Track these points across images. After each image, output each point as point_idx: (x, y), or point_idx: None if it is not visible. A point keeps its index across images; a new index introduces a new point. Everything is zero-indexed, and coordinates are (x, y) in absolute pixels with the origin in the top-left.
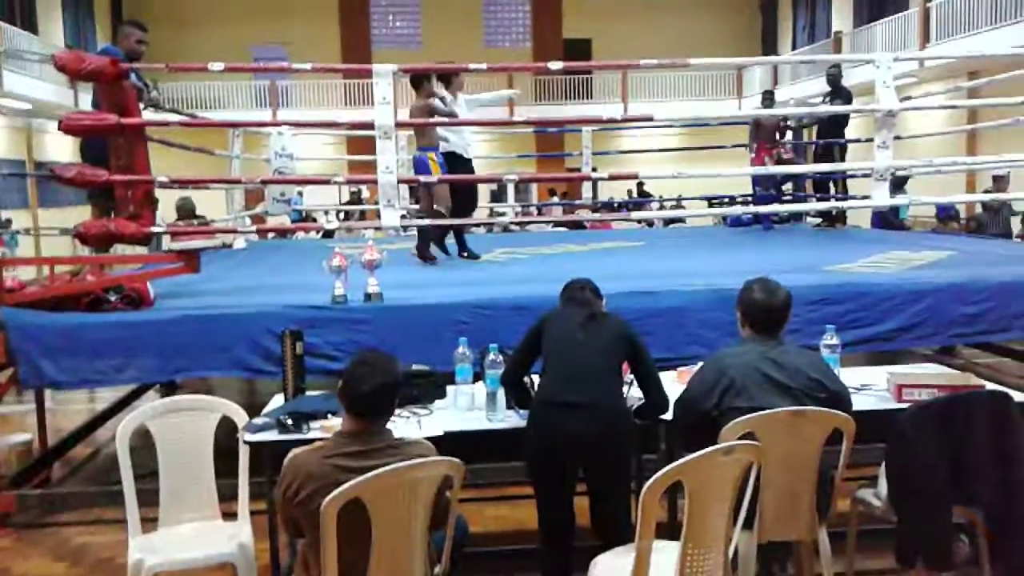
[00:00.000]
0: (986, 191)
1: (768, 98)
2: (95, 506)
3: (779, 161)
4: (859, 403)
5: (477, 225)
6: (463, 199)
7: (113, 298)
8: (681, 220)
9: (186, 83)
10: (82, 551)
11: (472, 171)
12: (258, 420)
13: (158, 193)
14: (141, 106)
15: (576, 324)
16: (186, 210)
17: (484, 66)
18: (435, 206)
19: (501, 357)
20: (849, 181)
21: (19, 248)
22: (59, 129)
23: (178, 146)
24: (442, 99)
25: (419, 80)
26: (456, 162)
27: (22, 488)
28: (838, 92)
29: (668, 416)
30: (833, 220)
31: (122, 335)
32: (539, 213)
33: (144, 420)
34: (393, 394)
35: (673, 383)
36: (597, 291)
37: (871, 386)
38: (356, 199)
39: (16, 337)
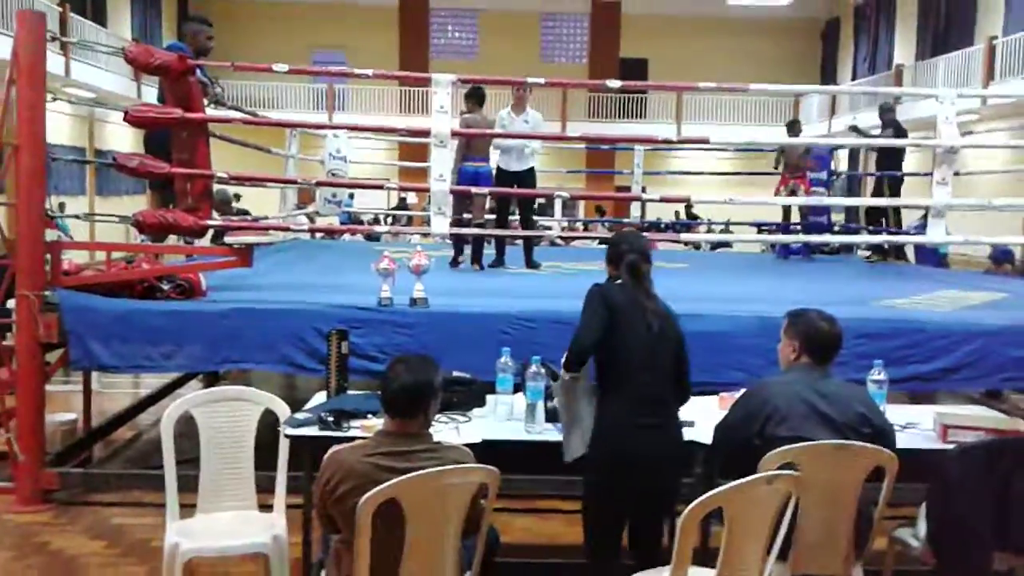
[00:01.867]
0: None
1: (793, 127)
2: (134, 488)
3: (792, 193)
4: (903, 442)
5: (518, 239)
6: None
7: (166, 287)
8: (728, 245)
9: (244, 82)
10: (119, 532)
11: (523, 184)
12: (300, 415)
13: None
14: (205, 102)
15: (645, 320)
16: (222, 200)
17: (542, 80)
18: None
19: (543, 370)
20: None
21: (72, 234)
22: (125, 120)
23: (238, 142)
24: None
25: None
26: (503, 178)
27: (65, 466)
28: (889, 125)
29: (708, 440)
30: (885, 254)
31: (173, 323)
32: (585, 229)
33: (190, 407)
34: (425, 396)
35: (714, 409)
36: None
37: (916, 424)
38: (403, 204)
39: (70, 319)
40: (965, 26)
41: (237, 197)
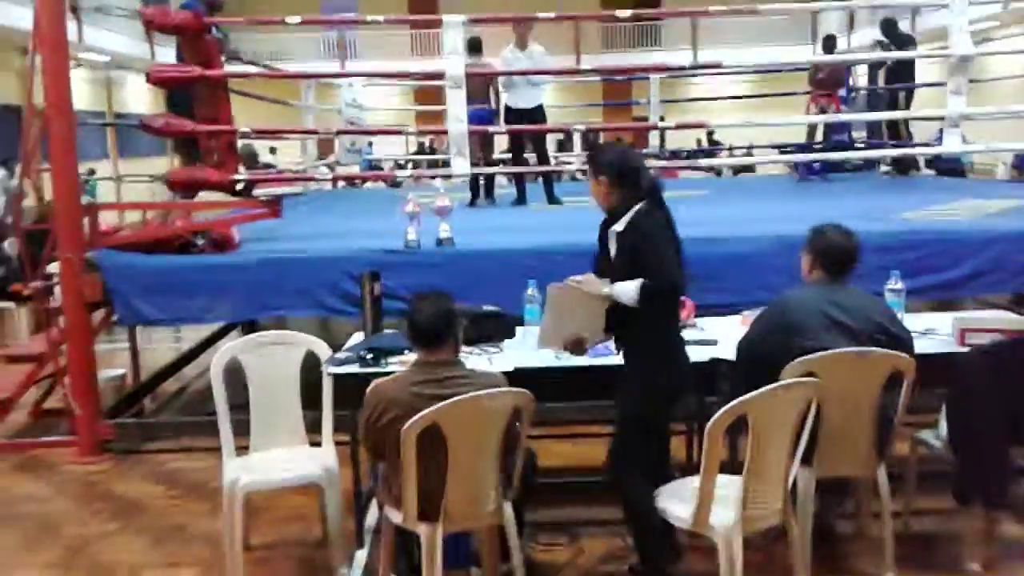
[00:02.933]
0: None
1: (830, 44)
2: (185, 436)
3: (822, 112)
4: (922, 347)
5: (540, 173)
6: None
7: (201, 242)
8: (750, 169)
9: (253, 34)
10: (176, 475)
11: (533, 121)
12: (340, 355)
13: None
14: (222, 58)
15: (677, 241)
16: (248, 156)
17: (552, 15)
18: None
19: None
20: (915, 127)
21: (99, 196)
22: (147, 82)
23: (256, 97)
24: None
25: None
26: (513, 115)
27: (119, 418)
28: (894, 39)
29: (731, 356)
30: (905, 167)
31: (210, 277)
32: None
33: (236, 353)
34: (448, 321)
35: (737, 327)
36: None
37: (935, 331)
38: (422, 149)
39: (112, 278)
40: None
41: (273, 151)
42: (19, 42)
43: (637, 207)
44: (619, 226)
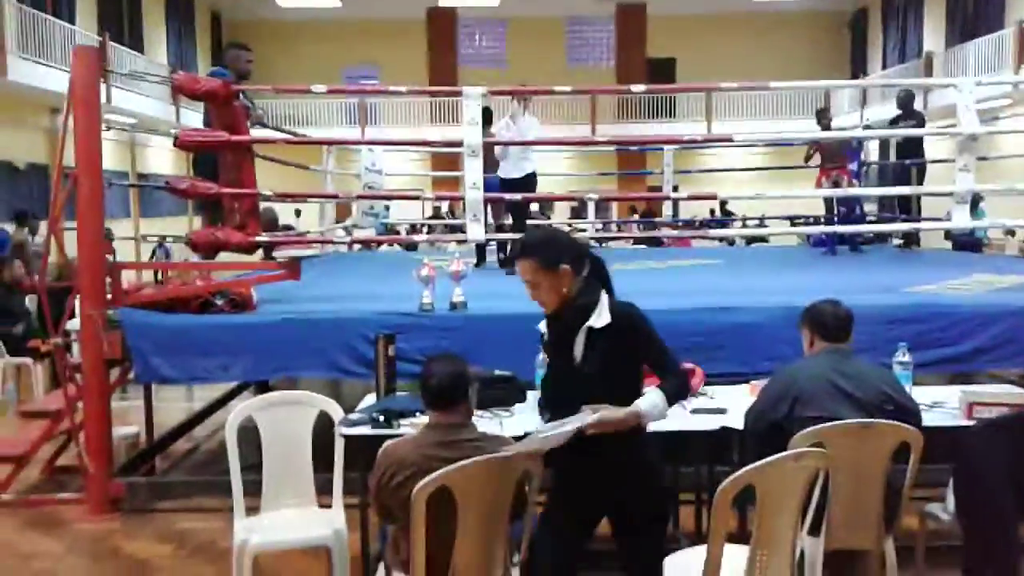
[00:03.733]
0: None
1: (822, 116)
2: (196, 495)
3: (835, 184)
4: (930, 420)
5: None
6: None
7: (220, 302)
8: (764, 239)
9: (279, 100)
10: (186, 535)
11: (525, 189)
12: (353, 416)
13: None
14: (248, 123)
15: None
16: (268, 219)
17: (568, 89)
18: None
19: None
20: (925, 202)
21: (119, 254)
22: (175, 145)
23: (279, 161)
24: (512, 116)
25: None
26: (506, 185)
27: (131, 476)
28: (909, 115)
29: (740, 425)
30: (916, 241)
31: (228, 336)
32: (619, 230)
33: (251, 412)
34: (461, 384)
35: (746, 396)
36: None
37: (943, 404)
38: (438, 214)
39: (132, 335)
40: (994, 11)
41: (298, 213)
42: (50, 102)
43: (603, 295)
44: (598, 321)
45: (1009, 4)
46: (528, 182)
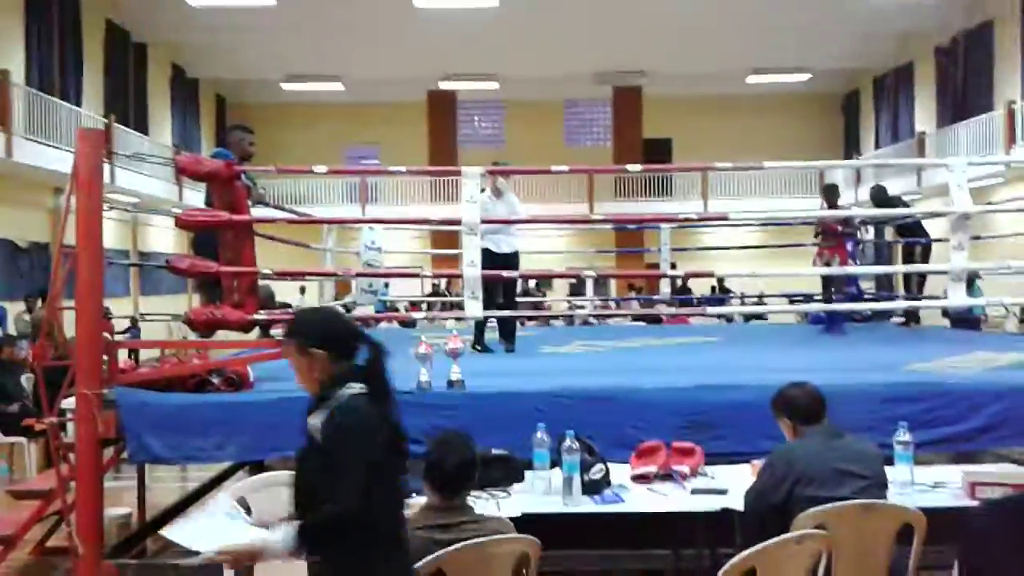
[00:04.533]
0: None
1: (832, 194)
2: None
3: (827, 264)
4: (932, 500)
5: (556, 317)
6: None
7: (216, 380)
8: (762, 317)
9: (281, 180)
10: None
11: (511, 266)
12: None
13: None
14: (249, 203)
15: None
16: (265, 296)
17: (566, 168)
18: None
19: (577, 444)
20: (928, 280)
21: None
22: (176, 225)
23: (279, 240)
24: (494, 192)
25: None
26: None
27: (121, 558)
28: (884, 204)
29: (740, 507)
30: (917, 319)
31: (224, 415)
32: (617, 307)
33: (244, 493)
34: (473, 470)
35: (747, 476)
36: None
37: (946, 484)
38: (436, 291)
39: (127, 415)
40: (984, 91)
41: (302, 291)
42: (53, 182)
43: (346, 391)
44: (316, 418)
45: (997, 85)
46: (515, 257)
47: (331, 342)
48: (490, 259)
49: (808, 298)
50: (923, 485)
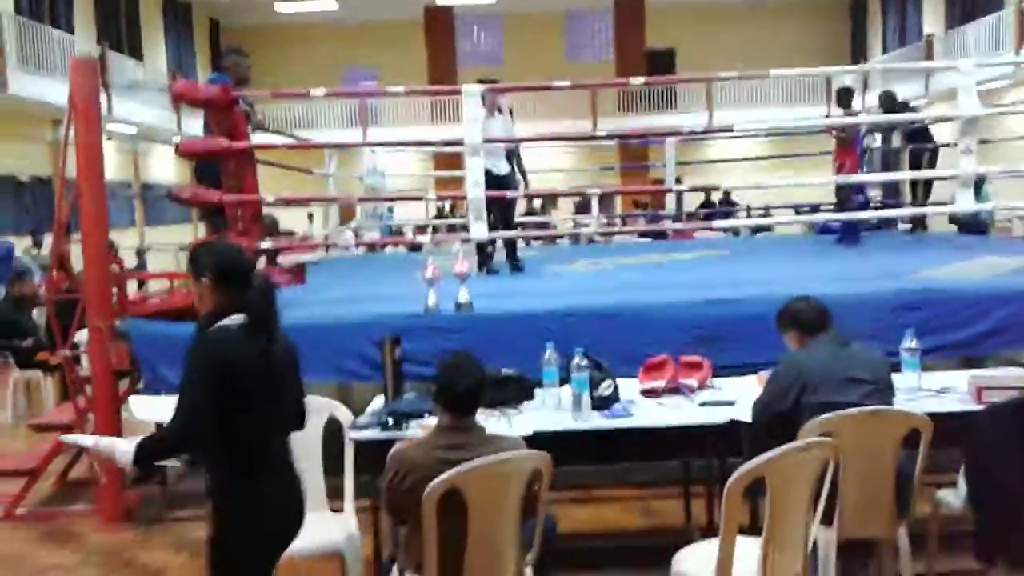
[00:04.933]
0: None
1: (845, 96)
2: None
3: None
4: (939, 405)
5: (562, 237)
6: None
7: None
8: (768, 229)
9: (279, 104)
10: (200, 544)
11: (508, 186)
12: (362, 419)
13: None
14: (248, 129)
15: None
16: (268, 224)
17: (567, 83)
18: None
19: (586, 361)
20: (935, 185)
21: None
22: (176, 153)
23: (280, 166)
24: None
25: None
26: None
27: (143, 486)
28: (896, 111)
29: (748, 418)
30: (924, 226)
31: None
32: (623, 224)
33: None
34: (482, 391)
35: (754, 387)
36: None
37: (953, 389)
38: (441, 213)
39: (140, 346)
40: None
41: (311, 217)
42: (51, 115)
43: (231, 321)
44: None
45: None
46: (511, 177)
47: (218, 273)
48: (494, 181)
49: (815, 208)
50: (930, 391)
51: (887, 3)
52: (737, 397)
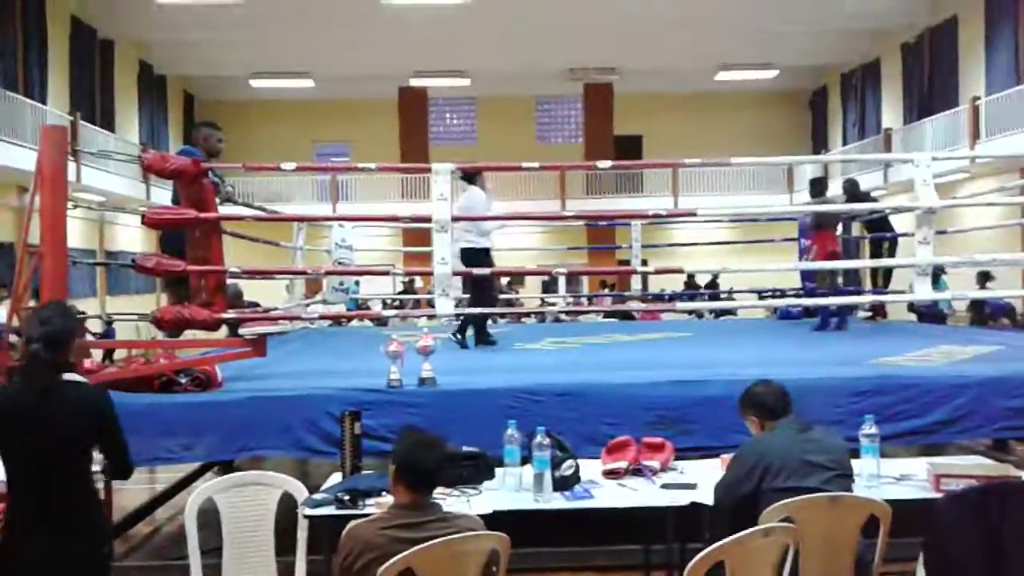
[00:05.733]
0: None
1: (817, 185)
2: None
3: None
4: (898, 493)
5: (528, 314)
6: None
7: (184, 380)
8: (732, 313)
9: (251, 178)
10: None
11: (490, 263)
12: (317, 496)
13: None
14: (217, 201)
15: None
16: (233, 295)
17: (536, 165)
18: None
19: (548, 440)
20: (894, 274)
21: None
22: (143, 223)
23: (248, 238)
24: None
25: (471, 177)
26: (472, 257)
27: None
28: (854, 198)
29: (710, 501)
30: (883, 313)
31: (191, 415)
32: (589, 303)
33: (212, 494)
34: (441, 469)
35: (717, 470)
36: None
37: (911, 476)
38: (408, 289)
39: None
40: (949, 87)
41: (288, 289)
42: (17, 181)
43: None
44: None
45: (963, 82)
46: (488, 254)
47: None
48: (465, 254)
49: (782, 293)
50: (889, 477)
51: (847, 97)
52: (699, 480)
